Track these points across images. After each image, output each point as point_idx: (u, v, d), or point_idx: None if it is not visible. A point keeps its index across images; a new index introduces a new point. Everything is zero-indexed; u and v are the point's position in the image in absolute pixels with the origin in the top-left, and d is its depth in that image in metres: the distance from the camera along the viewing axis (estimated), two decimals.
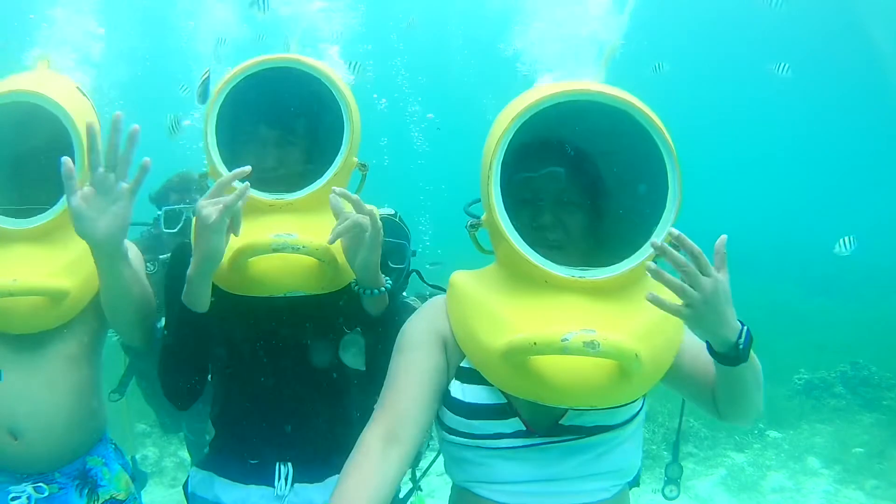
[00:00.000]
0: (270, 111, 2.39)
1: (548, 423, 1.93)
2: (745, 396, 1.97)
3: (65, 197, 2.30)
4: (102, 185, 2.09)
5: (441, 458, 2.21)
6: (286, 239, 2.18)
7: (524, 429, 1.94)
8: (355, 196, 2.14)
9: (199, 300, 2.19)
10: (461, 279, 2.08)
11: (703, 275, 1.75)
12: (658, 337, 1.92)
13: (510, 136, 1.94)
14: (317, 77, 2.36)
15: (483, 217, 2.03)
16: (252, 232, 2.19)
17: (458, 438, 1.99)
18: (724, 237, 1.80)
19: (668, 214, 1.92)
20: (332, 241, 2.15)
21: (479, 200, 2.10)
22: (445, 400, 2.01)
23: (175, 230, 3.90)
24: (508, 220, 1.94)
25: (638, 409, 2.00)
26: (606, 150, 2.16)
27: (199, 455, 4.76)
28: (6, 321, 2.37)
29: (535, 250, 1.94)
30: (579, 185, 2.09)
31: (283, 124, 2.41)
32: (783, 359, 8.67)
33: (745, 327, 1.84)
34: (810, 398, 8.56)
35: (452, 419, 1.99)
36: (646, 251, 1.91)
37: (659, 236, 1.88)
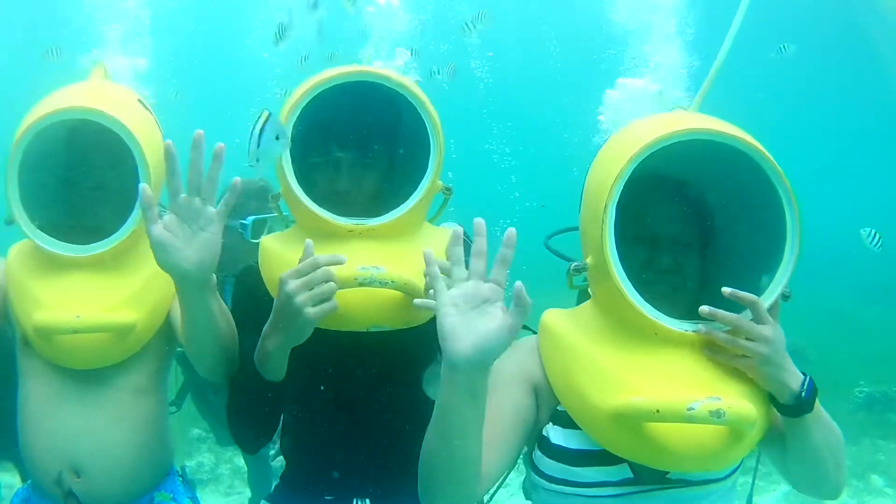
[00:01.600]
0: (346, 129, 2.24)
1: (655, 475, 1.86)
2: (816, 459, 1.89)
3: (129, 221, 2.27)
4: (187, 211, 1.88)
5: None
6: (373, 272, 2.04)
7: (632, 476, 1.87)
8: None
9: (278, 372, 2.07)
10: (555, 321, 1.98)
11: (759, 324, 1.76)
12: (763, 395, 1.85)
13: (626, 177, 1.84)
14: (399, 93, 2.21)
15: (587, 260, 1.93)
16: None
17: (557, 486, 1.91)
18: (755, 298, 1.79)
19: (785, 269, 1.86)
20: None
21: (562, 231, 2.01)
22: (544, 446, 1.94)
23: (259, 240, 3.78)
24: (622, 271, 1.84)
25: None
26: (716, 187, 2.06)
27: (254, 463, 4.76)
28: (69, 357, 2.30)
29: (644, 294, 1.86)
30: (694, 225, 2.01)
31: (359, 144, 2.25)
32: (842, 371, 8.38)
33: (808, 377, 1.81)
34: (872, 413, 8.31)
35: (552, 466, 1.91)
36: (765, 300, 1.84)
37: (774, 291, 1.84)
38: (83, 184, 2.41)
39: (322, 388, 2.27)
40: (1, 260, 3.00)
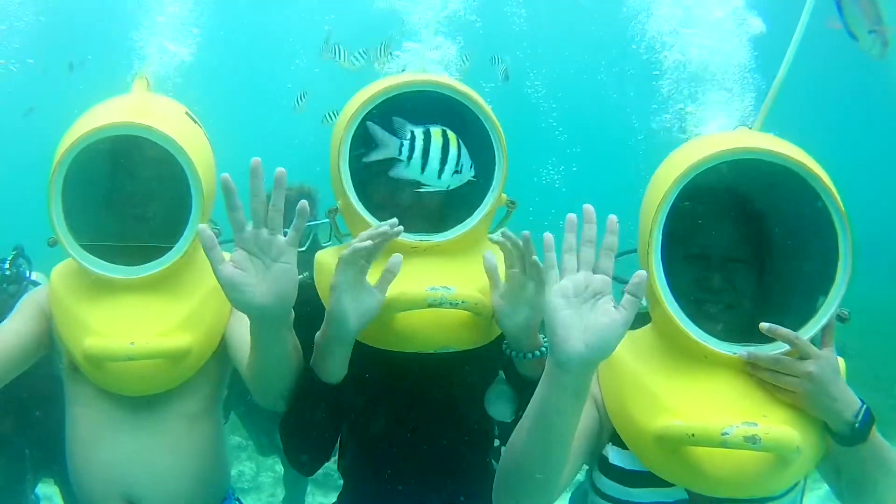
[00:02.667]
0: None
1: (709, 497, 1.84)
2: (868, 486, 1.85)
3: (182, 241, 2.17)
4: (255, 244, 1.75)
5: None
6: (443, 293, 1.95)
7: (687, 497, 1.86)
8: (520, 238, 1.90)
9: (333, 371, 1.97)
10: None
11: (803, 358, 1.75)
12: (816, 422, 1.82)
13: (672, 199, 1.83)
14: (463, 103, 2.12)
15: None
16: (400, 281, 1.94)
17: None
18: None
19: (836, 294, 1.83)
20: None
21: (625, 254, 1.96)
22: (603, 465, 1.95)
23: (304, 249, 3.70)
24: (670, 294, 1.84)
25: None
26: (772, 202, 2.04)
27: (295, 475, 4.65)
28: (122, 384, 2.19)
29: (697, 313, 1.87)
30: (750, 241, 1.98)
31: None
32: (883, 365, 8.22)
33: (865, 406, 1.78)
34: None
35: (609, 486, 1.93)
36: (812, 327, 1.83)
37: (824, 316, 1.82)
38: (128, 201, 2.30)
39: (382, 407, 2.19)
40: (43, 279, 2.91)
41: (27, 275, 3.10)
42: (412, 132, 2.03)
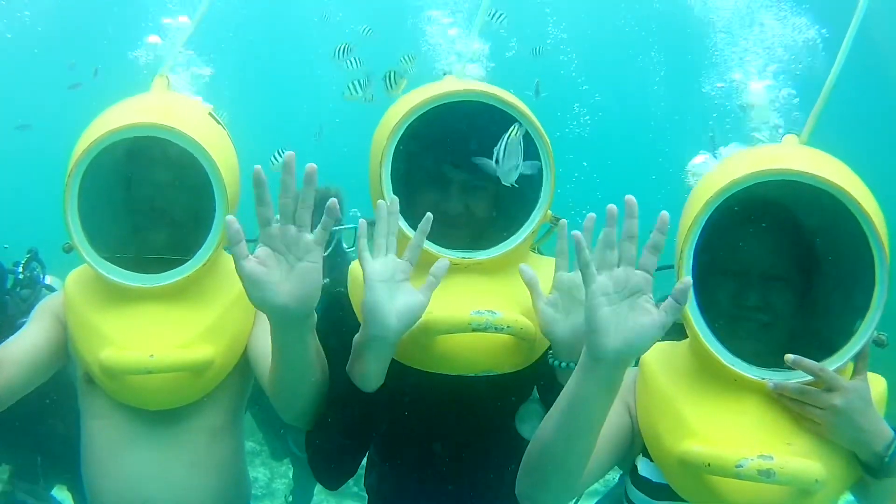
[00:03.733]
0: (455, 148, 2.06)
1: None
2: None
3: (204, 248, 2.08)
4: (282, 241, 1.67)
5: None
6: (489, 318, 1.88)
7: None
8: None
9: (369, 377, 1.84)
10: (652, 363, 1.96)
11: (830, 390, 1.72)
12: (845, 450, 1.77)
13: (703, 221, 1.81)
14: (509, 114, 2.02)
15: None
16: (441, 301, 1.84)
17: None
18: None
19: (871, 321, 1.77)
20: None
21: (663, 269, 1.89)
22: (633, 476, 1.95)
23: (326, 253, 3.59)
24: (700, 315, 1.82)
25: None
26: (813, 220, 1.99)
27: (304, 474, 4.54)
28: (141, 398, 2.09)
29: (732, 331, 1.86)
30: (789, 257, 1.94)
31: (471, 164, 2.02)
32: None
33: None
34: None
35: (638, 496, 1.93)
36: (843, 356, 1.78)
37: (858, 343, 1.77)
38: (148, 206, 2.19)
39: (415, 427, 2.11)
40: (58, 283, 2.82)
41: (41, 279, 3.02)
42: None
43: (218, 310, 2.12)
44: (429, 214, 1.82)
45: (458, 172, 2.07)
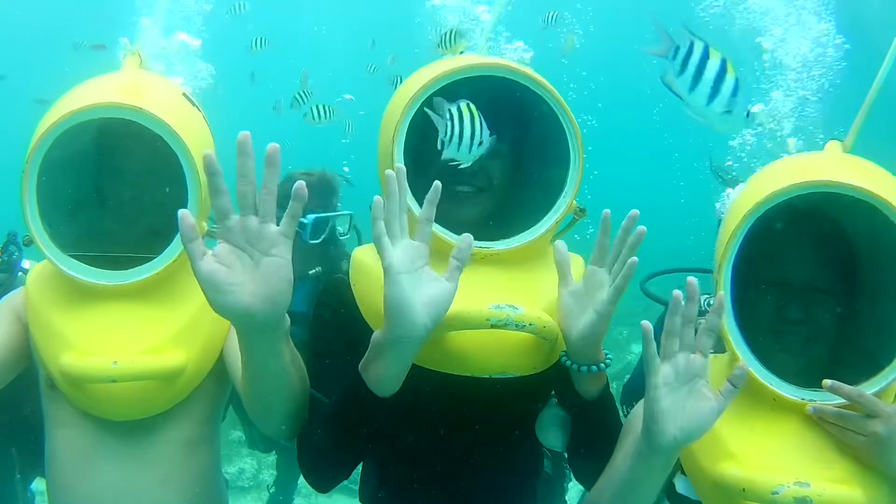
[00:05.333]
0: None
1: None
2: None
3: (175, 242, 1.88)
4: (242, 235, 1.46)
5: None
6: (509, 313, 1.73)
7: None
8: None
9: (387, 381, 1.67)
10: None
11: (871, 417, 1.65)
12: (886, 478, 1.70)
13: (742, 235, 1.75)
14: (536, 93, 1.87)
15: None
16: (457, 295, 1.66)
17: None
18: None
19: None
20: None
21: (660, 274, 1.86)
22: (670, 493, 1.92)
23: (318, 241, 3.44)
24: (738, 333, 1.75)
25: None
26: (858, 230, 1.91)
27: (289, 464, 4.37)
28: (105, 408, 1.91)
29: (774, 345, 1.81)
30: (833, 269, 1.86)
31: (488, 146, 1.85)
32: None
33: None
34: None
35: None
36: (883, 378, 1.70)
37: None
38: (116, 195, 2.01)
39: (420, 431, 1.94)
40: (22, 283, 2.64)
41: (19, 263, 2.85)
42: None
43: (191, 310, 1.94)
44: (437, 183, 1.60)
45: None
